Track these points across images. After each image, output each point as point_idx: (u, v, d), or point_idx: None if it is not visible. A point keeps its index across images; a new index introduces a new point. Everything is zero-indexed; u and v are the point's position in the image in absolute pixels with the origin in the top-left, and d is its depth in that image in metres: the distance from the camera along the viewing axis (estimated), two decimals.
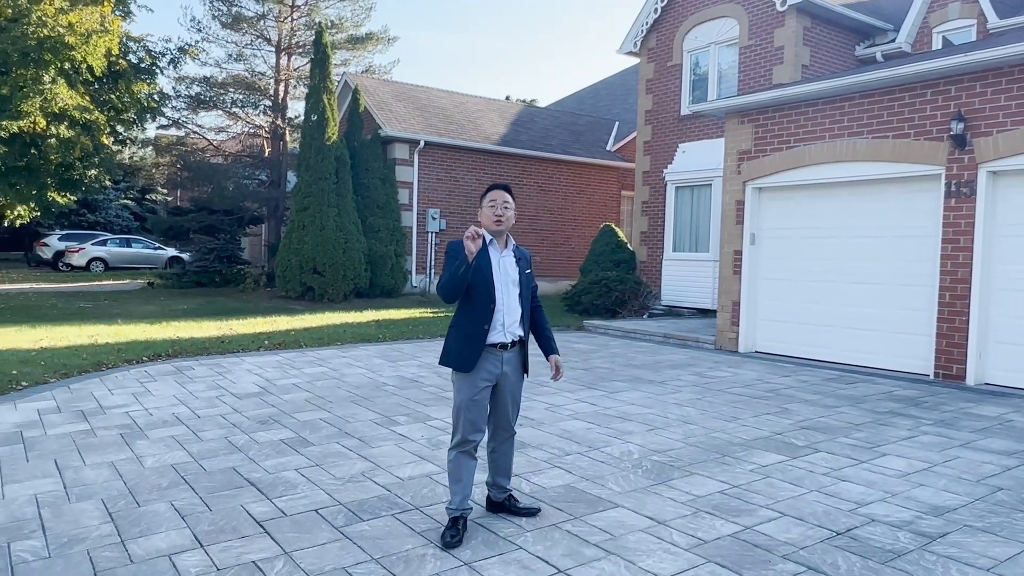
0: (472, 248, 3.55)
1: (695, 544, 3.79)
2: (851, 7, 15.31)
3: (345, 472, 4.91)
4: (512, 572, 3.45)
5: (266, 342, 10.51)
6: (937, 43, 14.65)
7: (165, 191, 39.16)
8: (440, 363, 3.93)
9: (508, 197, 3.91)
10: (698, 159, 15.65)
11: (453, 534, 3.75)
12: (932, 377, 8.52)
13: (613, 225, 17.34)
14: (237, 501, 4.34)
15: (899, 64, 8.88)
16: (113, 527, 3.94)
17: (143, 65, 17.19)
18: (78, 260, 28.30)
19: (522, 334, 3.93)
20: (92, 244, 28.98)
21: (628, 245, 17.05)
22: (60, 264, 28.36)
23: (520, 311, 3.90)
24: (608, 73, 37.57)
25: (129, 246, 29.82)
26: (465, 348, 3.78)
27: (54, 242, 29.15)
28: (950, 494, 4.56)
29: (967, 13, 14.24)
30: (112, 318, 13.23)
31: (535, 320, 4.08)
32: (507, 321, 3.83)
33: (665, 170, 16.55)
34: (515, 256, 3.94)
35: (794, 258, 10.14)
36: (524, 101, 43.14)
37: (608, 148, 22.73)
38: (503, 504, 4.12)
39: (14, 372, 7.90)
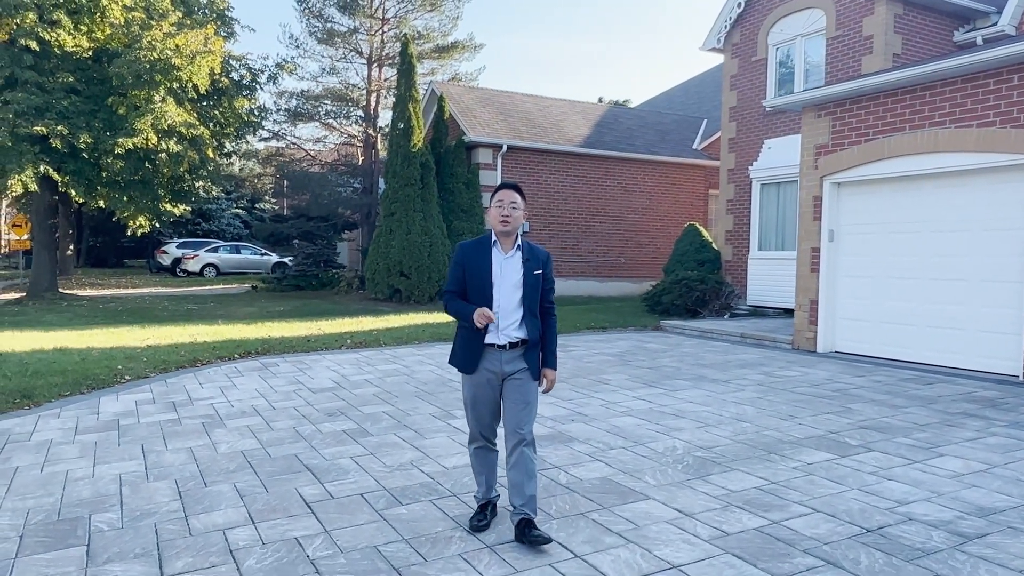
0: (480, 325, 3.70)
1: (717, 536, 3.84)
2: None
3: (395, 461, 5.20)
4: (530, 555, 3.62)
5: (348, 341, 11.04)
6: None
7: (273, 200, 41.33)
8: (449, 362, 4.03)
9: (516, 197, 3.84)
10: (784, 155, 15.26)
11: (480, 519, 3.96)
12: (1021, 378, 8.06)
13: (697, 224, 17.12)
14: (292, 484, 4.69)
15: (978, 50, 8.45)
16: (180, 504, 4.35)
17: (244, 82, 18.33)
18: (193, 266, 30.34)
19: (523, 336, 3.85)
20: (205, 251, 30.99)
21: (713, 244, 16.80)
22: (178, 270, 30.48)
23: (520, 313, 3.84)
24: (700, 71, 36.92)
25: (239, 252, 31.69)
26: (465, 349, 3.89)
27: (172, 250, 31.37)
28: (1002, 496, 4.39)
29: None
30: (214, 319, 14.19)
31: (543, 327, 3.96)
32: (503, 324, 3.82)
33: (750, 167, 16.22)
34: (523, 257, 3.86)
35: (874, 254, 9.79)
36: (616, 102, 42.99)
37: (695, 146, 22.40)
38: (518, 528, 3.77)
39: (119, 367, 8.67)
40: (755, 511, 4.18)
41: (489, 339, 3.83)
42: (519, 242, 3.89)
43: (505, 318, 3.82)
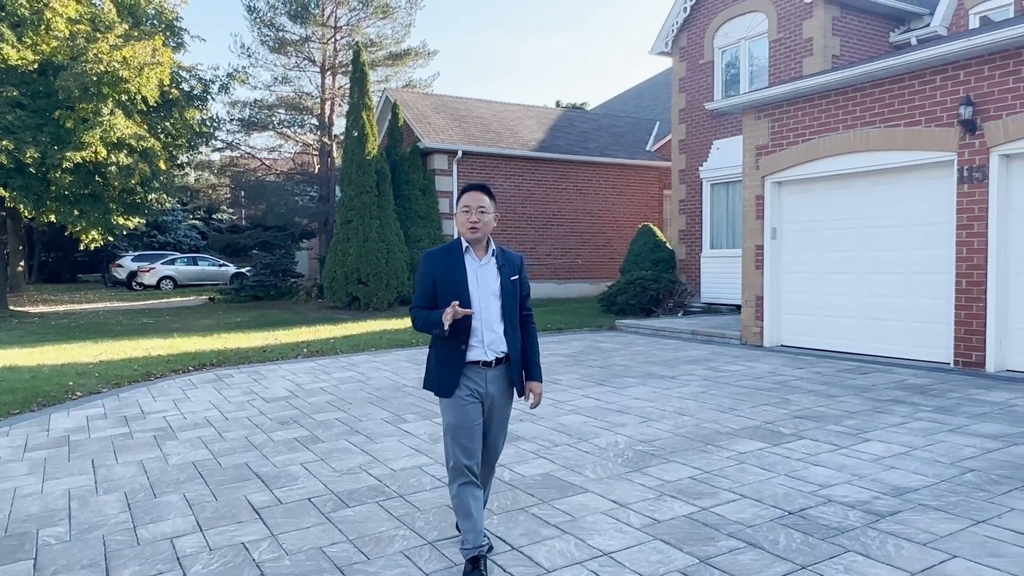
0: (450, 320, 3.31)
1: (648, 524, 4.03)
2: None
3: (345, 465, 5.31)
4: None
5: (305, 350, 11.09)
6: (975, 24, 14.30)
7: (231, 210, 40.93)
8: (424, 387, 3.61)
9: (484, 199, 3.47)
10: (732, 156, 15.64)
11: None
12: (952, 365, 8.45)
13: (651, 225, 17.46)
14: (242, 492, 4.78)
15: (901, 53, 8.84)
16: (129, 515, 4.42)
17: (195, 93, 18.22)
18: (149, 279, 29.93)
19: (507, 350, 3.53)
20: (162, 264, 30.58)
21: (667, 244, 17.15)
22: (134, 283, 30.03)
23: (504, 325, 3.51)
24: (653, 73, 37.54)
25: (196, 264, 31.33)
26: (445, 370, 3.47)
27: (128, 263, 30.89)
28: (918, 476, 4.66)
29: None
30: (169, 332, 14.09)
31: (523, 337, 3.64)
32: (488, 338, 3.47)
33: (700, 168, 16.61)
34: (498, 263, 3.53)
35: (815, 251, 10.15)
36: (573, 105, 43.39)
37: (648, 148, 22.81)
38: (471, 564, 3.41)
39: (71, 384, 8.62)
40: (687, 499, 4.38)
41: (473, 355, 3.45)
42: (492, 247, 3.56)
43: (489, 331, 3.47)
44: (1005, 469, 4.74)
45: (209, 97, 18.59)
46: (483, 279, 3.49)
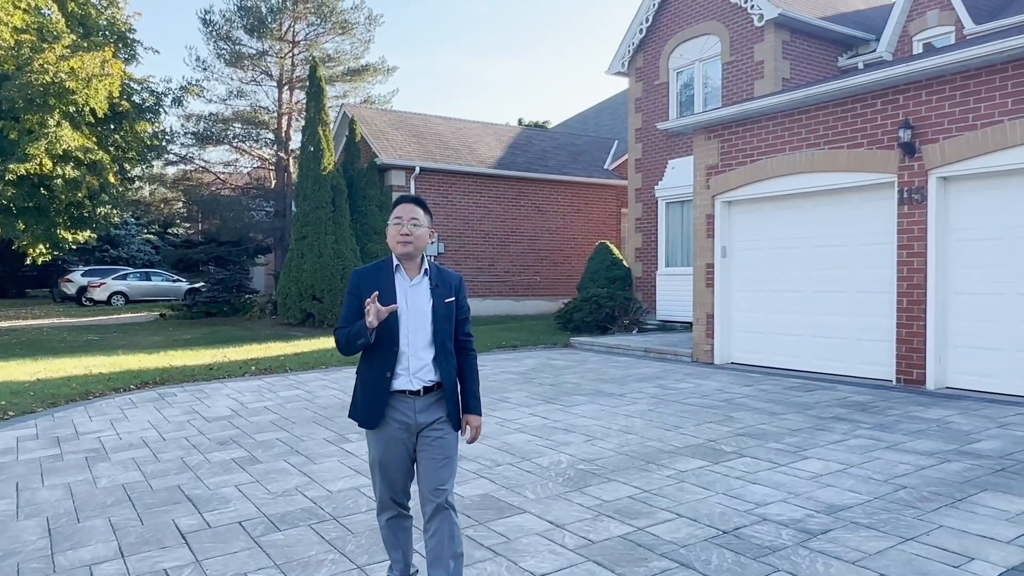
0: (374, 322, 3.03)
1: (582, 545, 3.99)
2: (832, 19, 15.50)
3: (280, 487, 5.19)
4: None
5: (253, 368, 10.88)
6: (918, 49, 14.74)
7: (187, 225, 40.22)
8: (349, 417, 3.33)
9: (418, 212, 3.20)
10: (686, 175, 15.80)
11: None
12: (894, 383, 8.60)
13: (608, 243, 17.59)
14: (170, 516, 4.63)
15: (848, 77, 9.06)
16: (48, 541, 4.24)
17: (146, 105, 17.90)
18: (100, 295, 29.16)
19: (437, 378, 3.22)
20: (113, 279, 29.84)
21: (624, 262, 17.28)
22: (84, 299, 29.24)
23: (434, 350, 3.21)
24: (613, 92, 37.95)
25: (149, 279, 30.63)
26: (369, 400, 3.20)
27: (77, 278, 30.07)
28: (852, 494, 4.70)
29: (945, 20, 14.33)
30: (115, 349, 13.72)
31: (459, 365, 3.33)
32: (414, 365, 3.18)
33: (656, 187, 16.79)
34: (431, 283, 3.23)
35: (764, 269, 10.29)
36: (535, 124, 43.64)
37: (606, 167, 23.01)
38: None
39: (3, 403, 8.32)
40: (623, 519, 4.36)
41: (399, 384, 3.17)
42: (426, 266, 3.27)
43: (416, 358, 3.18)
44: (936, 486, 4.80)
45: (162, 110, 18.29)
46: (414, 300, 3.21)
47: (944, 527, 4.10)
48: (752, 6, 14.55)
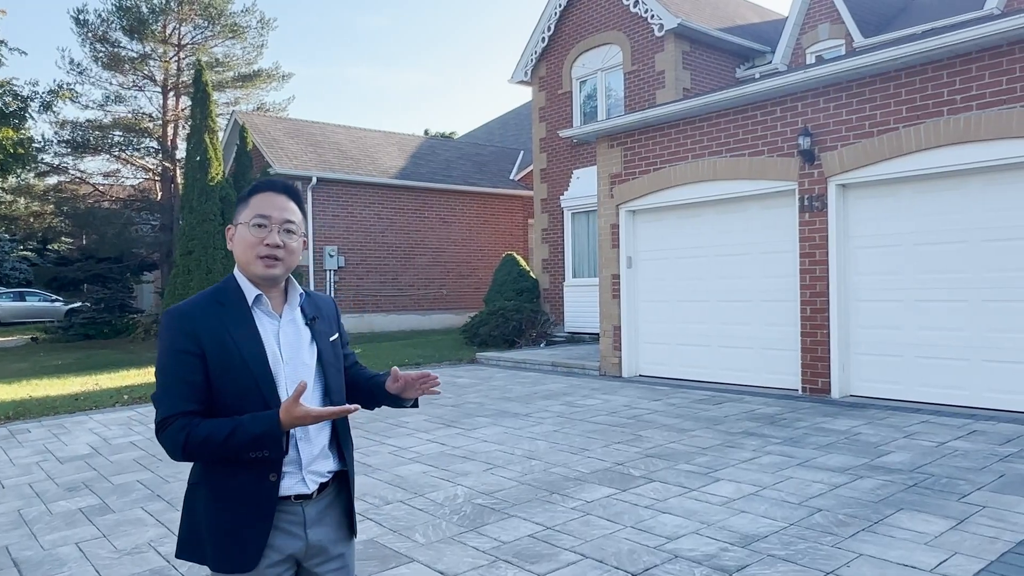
0: (303, 416, 1.84)
1: None
2: (731, 31, 15.70)
3: (131, 542, 4.45)
4: None
5: (126, 396, 9.88)
6: (811, 62, 15.09)
7: (70, 241, 37.56)
8: (178, 555, 2.00)
9: (291, 208, 2.03)
10: (591, 185, 15.56)
11: None
12: (801, 392, 8.51)
13: (515, 254, 17.23)
14: None
15: (747, 84, 8.99)
16: None
17: (10, 110, 16.36)
18: None
19: (336, 466, 2.08)
20: None
21: (531, 273, 16.95)
22: None
23: (330, 424, 2.07)
24: (519, 103, 37.79)
25: (23, 300, 28.27)
26: (238, 526, 1.90)
27: None
28: (767, 520, 4.38)
29: (836, 34, 14.72)
30: None
31: (356, 378, 2.24)
32: (306, 451, 1.99)
33: (562, 197, 16.57)
34: (306, 318, 2.09)
35: (669, 279, 10.10)
36: (441, 134, 43.12)
37: (512, 177, 22.72)
38: None
39: None
40: (522, 564, 3.88)
41: (287, 487, 1.95)
42: (299, 291, 2.10)
43: (307, 441, 1.99)
44: (852, 507, 4.55)
45: (28, 116, 16.76)
46: (291, 348, 2.01)
47: (864, 556, 3.81)
48: (652, 16, 14.54)
